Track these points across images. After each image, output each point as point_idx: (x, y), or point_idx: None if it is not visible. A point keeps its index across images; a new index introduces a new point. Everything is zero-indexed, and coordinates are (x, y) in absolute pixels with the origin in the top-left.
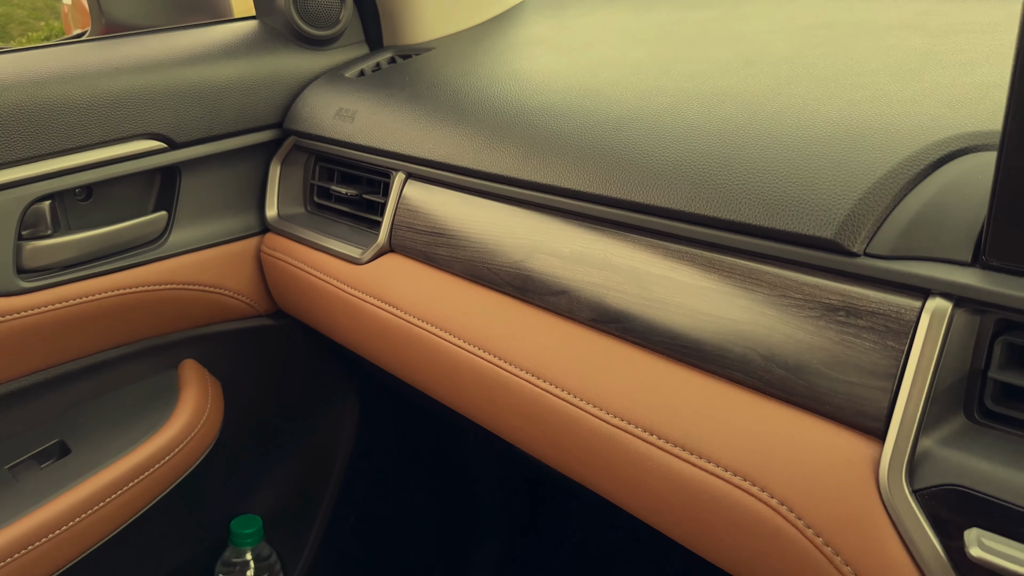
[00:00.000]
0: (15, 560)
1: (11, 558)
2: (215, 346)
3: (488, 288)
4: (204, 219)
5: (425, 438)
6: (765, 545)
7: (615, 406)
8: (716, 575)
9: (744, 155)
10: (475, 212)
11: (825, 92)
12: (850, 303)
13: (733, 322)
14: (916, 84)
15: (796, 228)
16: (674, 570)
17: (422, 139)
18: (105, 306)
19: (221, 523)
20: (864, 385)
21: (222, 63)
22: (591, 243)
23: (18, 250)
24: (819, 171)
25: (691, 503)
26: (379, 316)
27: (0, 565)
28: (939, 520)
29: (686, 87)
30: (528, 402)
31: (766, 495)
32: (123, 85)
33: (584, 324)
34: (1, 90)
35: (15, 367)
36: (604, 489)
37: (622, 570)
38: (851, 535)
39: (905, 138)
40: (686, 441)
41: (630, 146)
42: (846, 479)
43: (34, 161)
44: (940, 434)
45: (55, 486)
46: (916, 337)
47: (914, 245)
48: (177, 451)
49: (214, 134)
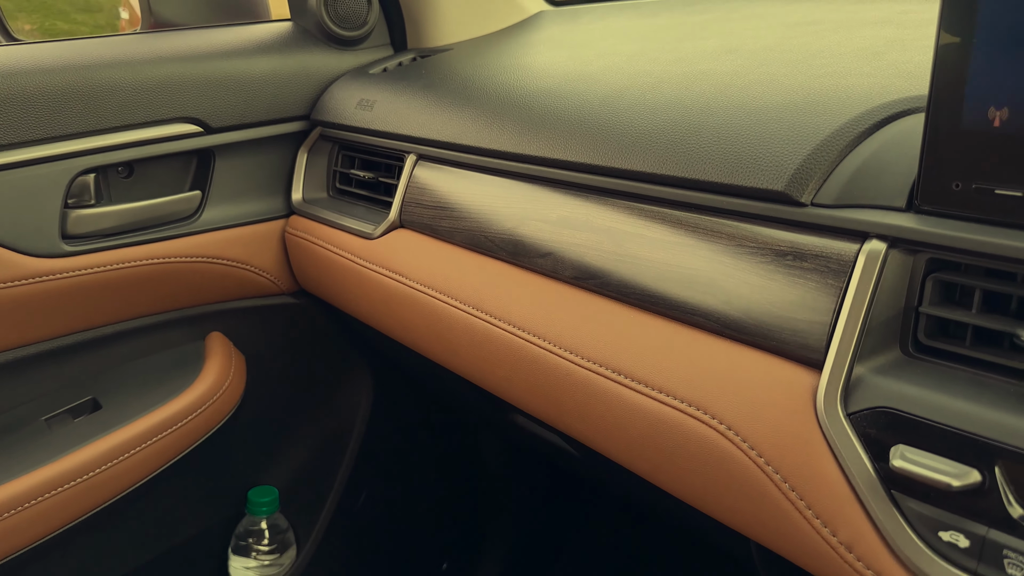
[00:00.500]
0: (45, 500)
1: (41, 498)
2: (240, 321)
3: (484, 255)
4: (235, 200)
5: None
6: (716, 468)
7: (589, 352)
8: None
9: (710, 122)
10: (475, 187)
11: (792, 71)
12: (797, 248)
13: (696, 271)
14: (876, 62)
15: (751, 183)
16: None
17: (431, 122)
18: (140, 273)
19: (239, 493)
20: (807, 320)
21: (257, 58)
22: (575, 208)
23: (64, 217)
24: (775, 133)
25: (654, 434)
26: (386, 284)
27: (30, 504)
28: (869, 439)
29: (670, 70)
30: (513, 353)
31: (716, 422)
32: (165, 72)
33: (566, 282)
34: (57, 71)
35: (56, 326)
36: (578, 430)
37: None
38: (790, 455)
39: (855, 103)
40: (650, 378)
41: (613, 120)
42: (788, 405)
43: (82, 137)
44: (874, 364)
45: (85, 436)
46: (853, 275)
47: (856, 195)
48: (200, 412)
49: (247, 122)
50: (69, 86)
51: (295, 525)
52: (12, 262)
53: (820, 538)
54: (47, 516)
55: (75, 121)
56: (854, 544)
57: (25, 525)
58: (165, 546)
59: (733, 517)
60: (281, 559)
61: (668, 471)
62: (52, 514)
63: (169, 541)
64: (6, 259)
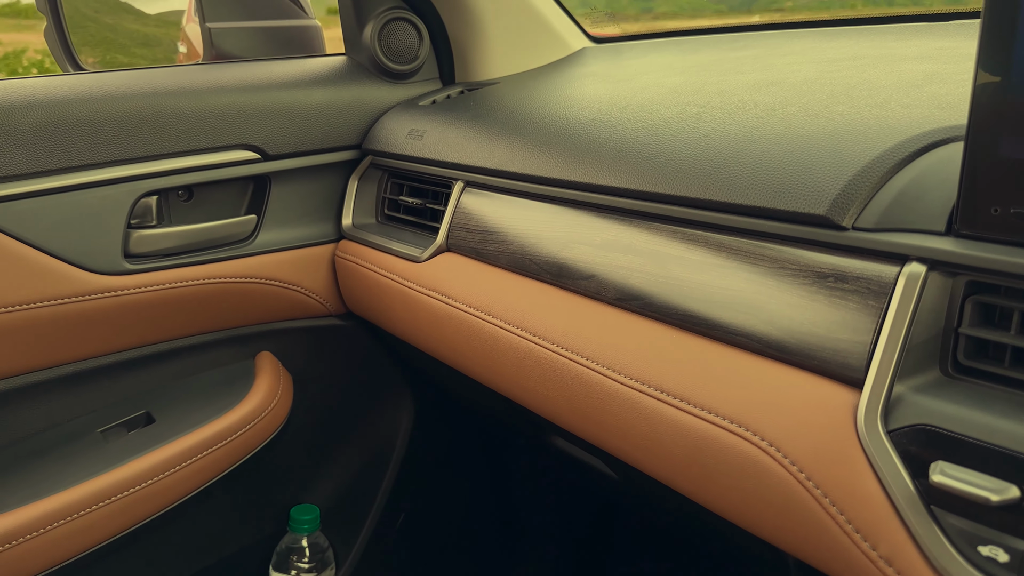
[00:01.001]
0: (99, 508)
1: (96, 506)
2: (289, 341)
3: (528, 277)
4: (288, 224)
5: (475, 446)
6: (757, 484)
7: (631, 370)
8: None
9: (753, 150)
10: (520, 212)
11: (833, 102)
12: (838, 271)
13: (738, 292)
14: (915, 94)
15: (794, 207)
16: None
17: (479, 150)
18: (197, 292)
19: (282, 510)
20: (848, 340)
21: (313, 89)
22: (619, 232)
23: (126, 236)
24: (816, 160)
25: (695, 451)
26: (433, 306)
27: (86, 512)
28: (909, 455)
29: (713, 101)
30: (556, 372)
31: (757, 438)
32: (227, 101)
33: (609, 303)
34: (125, 98)
35: (116, 341)
36: (619, 448)
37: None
38: (831, 471)
39: (896, 131)
40: (692, 396)
41: (658, 147)
42: (828, 422)
43: (146, 160)
44: (914, 383)
45: (138, 448)
46: (894, 297)
47: (896, 219)
48: (248, 428)
49: (302, 150)
50: (136, 112)
51: (335, 544)
52: (78, 278)
53: (860, 552)
54: (101, 524)
55: (141, 145)
56: (893, 559)
57: (79, 533)
58: (209, 560)
59: (773, 532)
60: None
61: (709, 488)
62: (106, 523)
63: (213, 555)
64: (72, 275)
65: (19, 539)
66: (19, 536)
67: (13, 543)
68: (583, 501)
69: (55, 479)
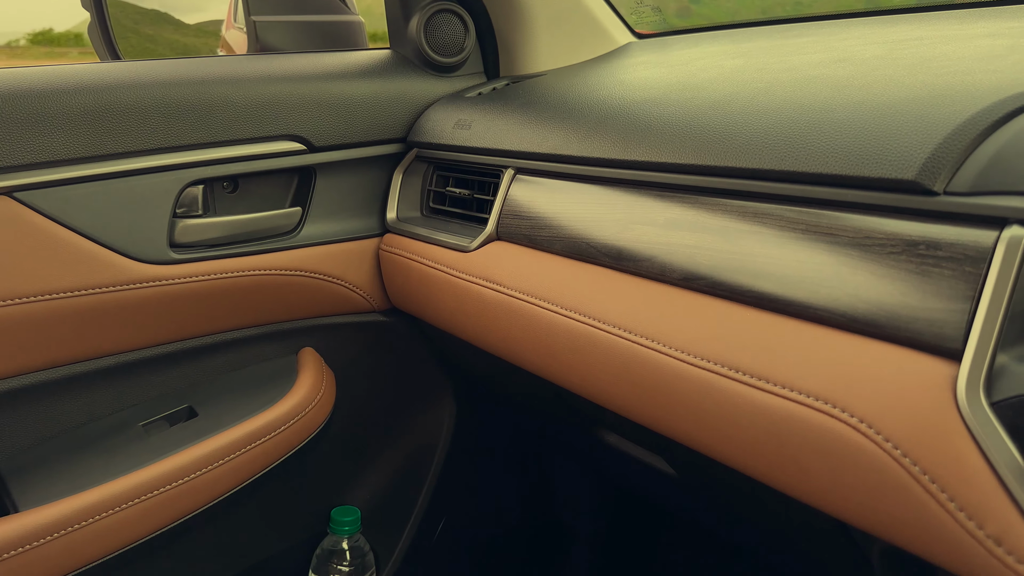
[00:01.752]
0: (142, 502)
1: (139, 499)
2: (332, 336)
3: (586, 262)
4: (333, 217)
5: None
6: (847, 464)
7: (702, 350)
8: None
9: (831, 119)
10: (575, 196)
11: (910, 73)
12: (930, 238)
13: (819, 266)
14: (999, 63)
15: (879, 174)
16: None
17: (531, 136)
18: (241, 284)
19: (322, 512)
20: (943, 309)
21: (358, 82)
22: (684, 211)
23: (172, 225)
24: (901, 125)
25: (775, 432)
26: (483, 295)
27: (129, 505)
28: (1016, 428)
29: (780, 77)
30: (618, 356)
31: (846, 415)
32: (273, 91)
33: (675, 284)
34: (172, 85)
35: (160, 332)
36: (687, 433)
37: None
38: (931, 447)
39: (985, 95)
40: (772, 375)
41: (724, 122)
42: (925, 396)
43: (193, 149)
44: (1018, 352)
45: (181, 442)
46: (993, 262)
47: (992, 182)
48: (292, 423)
49: (347, 142)
50: (183, 99)
51: (375, 547)
52: (124, 267)
53: (965, 532)
54: (143, 519)
55: (187, 133)
56: (1003, 537)
57: (122, 527)
58: (249, 561)
59: (864, 516)
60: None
61: (791, 471)
62: (148, 517)
63: (254, 556)
64: (118, 264)
65: (61, 531)
66: (61, 529)
67: (54, 535)
68: (633, 504)
69: (97, 472)
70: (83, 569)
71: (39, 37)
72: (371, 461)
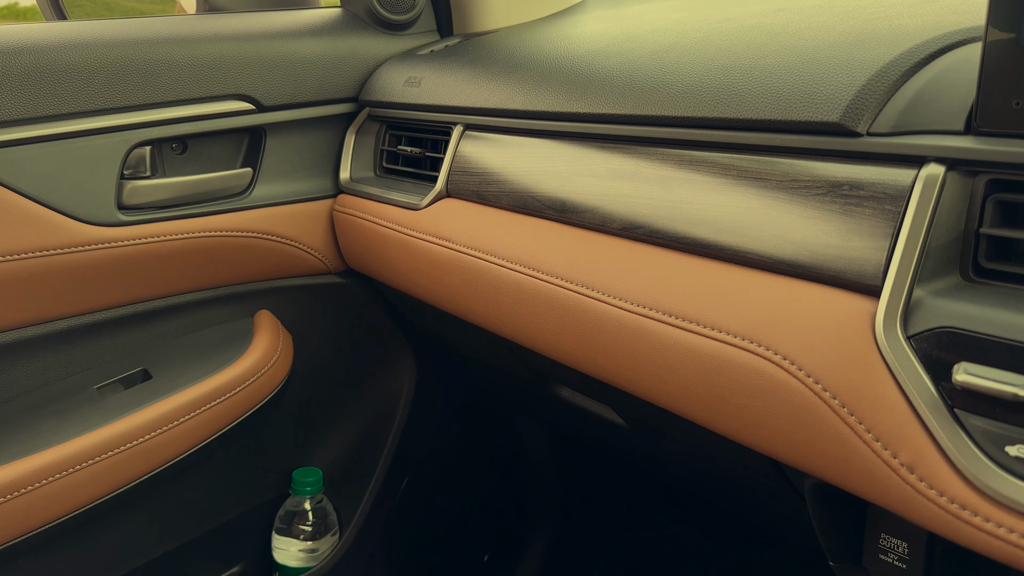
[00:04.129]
0: (96, 463)
1: (92, 460)
2: (288, 299)
3: (531, 215)
4: (285, 178)
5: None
6: (772, 400)
7: (639, 297)
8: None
9: (761, 64)
10: (522, 150)
11: (844, 18)
12: (853, 179)
13: (748, 210)
14: (930, 7)
15: (806, 117)
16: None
17: (479, 91)
18: (192, 246)
19: (284, 473)
20: (864, 247)
21: (308, 40)
22: (624, 161)
23: (120, 187)
24: (828, 68)
25: (706, 373)
26: (433, 252)
27: (82, 466)
28: (930, 359)
29: (720, 27)
30: (561, 306)
31: (771, 353)
32: (220, 50)
33: (615, 234)
34: (116, 45)
35: (110, 296)
36: (628, 379)
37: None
38: (849, 380)
39: (910, 37)
40: (700, 316)
41: (663, 71)
42: (845, 331)
43: (139, 110)
44: (934, 287)
45: (135, 404)
46: (911, 200)
47: (912, 122)
48: (247, 384)
49: (297, 101)
50: (127, 59)
51: (338, 507)
52: (70, 229)
53: (880, 461)
54: (99, 479)
55: (132, 94)
56: (916, 464)
57: (77, 487)
58: (212, 523)
59: (790, 450)
60: (323, 541)
61: (721, 410)
62: (103, 478)
63: (215, 519)
64: (65, 225)
65: (13, 493)
66: (14, 490)
67: (8, 497)
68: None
69: (49, 435)
70: (34, 532)
71: (6, 11)
72: (332, 422)
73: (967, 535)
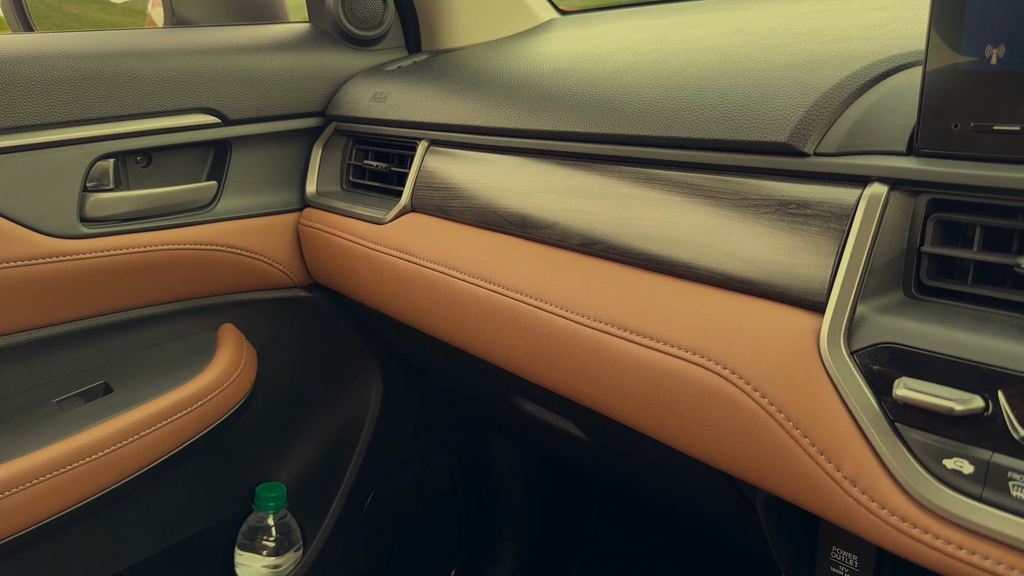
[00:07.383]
0: (55, 477)
1: (51, 474)
2: (253, 313)
3: (493, 231)
4: (250, 191)
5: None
6: (720, 413)
7: (595, 312)
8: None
9: (714, 86)
10: (484, 166)
11: (796, 42)
12: (801, 198)
13: (700, 228)
14: (878, 32)
15: (755, 137)
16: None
17: (443, 107)
18: (155, 259)
19: (247, 488)
20: (810, 264)
21: (275, 54)
22: (583, 178)
23: (82, 200)
24: (777, 90)
25: (659, 387)
26: (396, 266)
27: (40, 480)
28: (872, 374)
29: (677, 48)
30: (519, 320)
31: (719, 367)
32: (186, 64)
33: (574, 249)
34: (80, 57)
35: (71, 308)
36: (584, 393)
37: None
38: (794, 395)
39: (856, 60)
40: (652, 331)
41: (620, 91)
42: (791, 347)
43: (103, 122)
44: (877, 304)
45: (96, 417)
46: (855, 218)
47: (857, 142)
48: (210, 398)
49: (263, 115)
50: (91, 72)
51: (302, 522)
52: (31, 241)
53: (824, 474)
54: (58, 493)
55: (96, 106)
56: (858, 478)
57: (35, 501)
58: (174, 539)
59: (738, 463)
60: (287, 556)
61: (672, 423)
62: (63, 492)
63: (178, 534)
64: (25, 238)
65: None
66: None
67: None
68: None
69: (7, 449)
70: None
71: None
72: (297, 437)
73: (908, 547)
